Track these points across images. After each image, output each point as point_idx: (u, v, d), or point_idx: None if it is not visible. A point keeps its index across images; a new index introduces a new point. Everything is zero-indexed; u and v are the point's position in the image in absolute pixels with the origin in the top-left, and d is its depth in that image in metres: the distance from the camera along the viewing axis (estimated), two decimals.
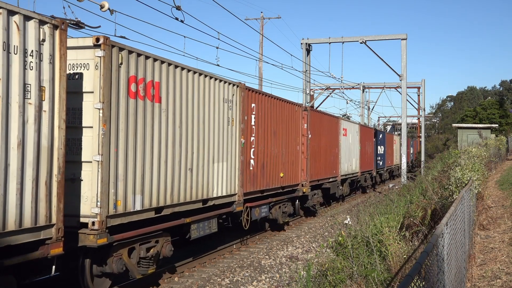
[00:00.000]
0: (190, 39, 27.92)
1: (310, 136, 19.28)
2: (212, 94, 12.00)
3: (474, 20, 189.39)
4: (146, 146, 9.47)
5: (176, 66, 10.49)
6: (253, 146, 14.36)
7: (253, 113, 14.39)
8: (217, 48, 18.42)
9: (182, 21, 14.03)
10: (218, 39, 23.68)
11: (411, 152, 58.84)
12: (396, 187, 28.10)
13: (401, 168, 30.40)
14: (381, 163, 37.61)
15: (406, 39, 29.47)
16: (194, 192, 11.21)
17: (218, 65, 21.32)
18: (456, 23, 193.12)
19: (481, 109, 57.53)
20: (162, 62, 10.00)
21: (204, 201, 11.79)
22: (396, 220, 9.81)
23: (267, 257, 13.72)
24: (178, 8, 13.64)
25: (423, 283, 3.94)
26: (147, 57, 9.54)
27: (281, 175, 16.33)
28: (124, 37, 12.43)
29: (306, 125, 19.08)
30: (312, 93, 36.33)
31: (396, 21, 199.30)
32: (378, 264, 7.82)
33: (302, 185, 18.78)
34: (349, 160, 26.47)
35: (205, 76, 11.69)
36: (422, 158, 47.28)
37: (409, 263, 7.26)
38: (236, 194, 13.36)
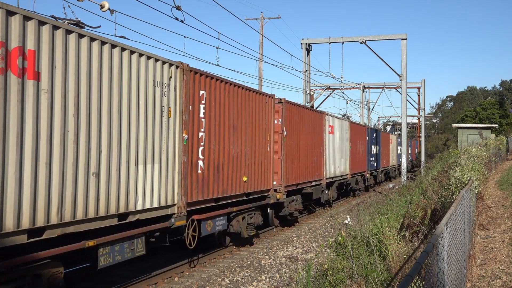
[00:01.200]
0: (190, 39, 27.94)
1: (285, 134, 16.54)
2: (134, 75, 9.19)
3: (474, 20, 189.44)
4: (8, 142, 6.71)
5: (68, 32, 7.67)
6: (202, 143, 11.47)
7: (202, 102, 11.47)
8: (217, 48, 18.42)
9: (182, 21, 14.03)
10: (218, 39, 23.69)
11: (409, 152, 56.29)
12: (396, 187, 28.08)
13: (401, 168, 30.37)
14: (375, 164, 34.78)
15: (406, 39, 29.47)
16: (103, 205, 8.38)
17: (218, 65, 21.32)
18: (456, 23, 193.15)
19: (481, 109, 57.55)
20: (42, 23, 7.20)
21: (122, 216, 8.93)
22: (396, 220, 9.82)
23: (267, 257, 13.72)
24: (178, 8, 13.64)
25: (423, 283, 3.94)
26: (10, 13, 6.78)
27: (244, 179, 13.58)
28: (124, 37, 12.42)
29: (280, 120, 16.32)
30: (312, 93, 36.33)
31: (396, 21, 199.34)
32: (378, 264, 7.82)
33: (276, 191, 16.15)
34: (337, 161, 23.86)
35: (123, 49, 8.85)
36: (422, 158, 47.29)
37: (409, 263, 7.27)
38: (175, 205, 10.42)
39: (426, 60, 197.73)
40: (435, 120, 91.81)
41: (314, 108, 32.24)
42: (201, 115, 11.49)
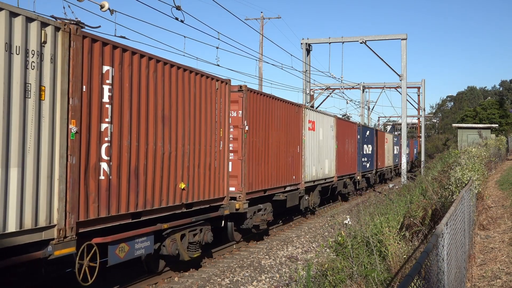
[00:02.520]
0: (190, 39, 27.96)
1: (246, 129, 13.83)
2: None
3: (474, 20, 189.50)
4: None
5: None
6: (107, 139, 8.49)
7: (108, 82, 8.53)
8: (217, 48, 18.42)
9: (182, 21, 14.04)
10: (218, 39, 23.70)
11: (407, 152, 55.43)
12: (396, 187, 28.09)
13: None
14: (368, 165, 31.77)
15: (406, 39, 29.48)
16: None
17: (218, 65, 21.33)
18: (456, 23, 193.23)
19: (481, 109, 57.56)
20: None
21: None
22: (396, 220, 9.81)
23: (267, 257, 13.72)
24: (178, 8, 13.64)
25: (423, 283, 3.94)
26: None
27: (182, 186, 10.64)
28: (124, 37, 12.43)
29: (241, 112, 13.65)
30: (312, 93, 36.33)
31: (396, 21, 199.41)
32: (378, 264, 7.82)
33: (234, 199, 13.54)
34: (320, 162, 21.03)
35: None
36: (422, 158, 47.30)
37: (409, 263, 7.27)
38: (54, 226, 7.36)
39: (426, 60, 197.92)
40: (435, 120, 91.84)
41: (315, 108, 32.08)
42: (105, 99, 8.44)
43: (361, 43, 29.35)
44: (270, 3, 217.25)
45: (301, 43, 32.18)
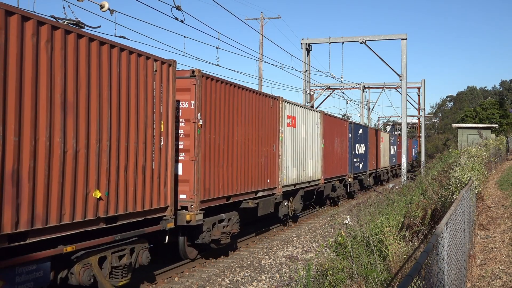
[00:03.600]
0: (190, 39, 27.98)
1: (200, 123, 11.43)
2: None
3: (474, 20, 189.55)
4: None
5: None
6: None
7: None
8: (217, 48, 18.43)
9: (182, 21, 14.04)
10: (218, 39, 23.70)
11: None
12: (396, 187, 28.10)
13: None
14: (361, 166, 29.52)
15: (406, 39, 29.48)
16: None
17: (218, 65, 21.33)
18: (456, 23, 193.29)
19: (481, 109, 57.57)
20: None
21: None
22: (396, 220, 9.82)
23: (267, 257, 13.72)
24: (178, 8, 13.65)
25: (423, 283, 3.94)
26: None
27: (96, 195, 8.24)
28: (124, 37, 12.43)
29: (193, 103, 11.29)
30: (312, 93, 36.35)
31: (396, 21, 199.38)
32: (378, 264, 7.82)
33: (185, 208, 11.18)
34: (303, 162, 18.63)
35: None
36: (422, 158, 47.30)
37: (409, 263, 7.27)
38: None
39: (426, 60, 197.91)
40: (435, 120, 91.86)
41: (314, 108, 32.03)
42: None
43: (361, 43, 29.35)
44: (270, 3, 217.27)
45: (301, 43, 32.19)
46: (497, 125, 42.82)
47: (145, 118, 9.53)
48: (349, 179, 26.52)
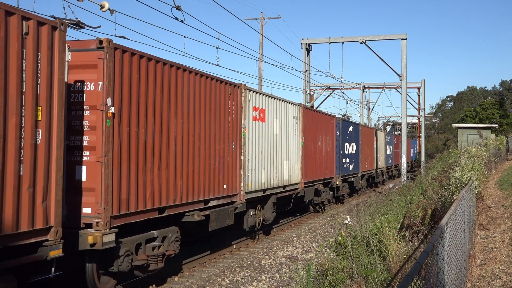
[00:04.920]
0: (190, 39, 27.99)
1: (112, 111, 8.57)
2: None
3: (474, 20, 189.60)
4: None
5: None
6: None
7: None
8: (217, 48, 18.43)
9: (182, 21, 14.04)
10: (218, 39, 23.70)
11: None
12: (396, 187, 28.11)
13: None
14: (351, 167, 26.80)
15: (406, 39, 29.49)
16: None
17: (218, 65, 21.33)
18: (456, 23, 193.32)
19: (481, 109, 57.58)
20: None
21: None
22: (396, 220, 9.82)
23: (267, 257, 13.73)
24: (178, 8, 13.65)
25: (423, 283, 3.94)
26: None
27: None
28: (124, 37, 12.44)
29: (101, 84, 8.53)
30: (312, 93, 36.35)
31: (396, 21, 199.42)
32: (378, 264, 7.82)
33: (89, 227, 8.42)
34: (275, 164, 15.85)
35: None
36: (422, 158, 47.33)
37: (409, 263, 7.27)
38: None
39: (426, 60, 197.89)
40: (435, 120, 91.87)
41: (314, 108, 31.96)
42: None
43: (361, 43, 29.36)
44: (270, 3, 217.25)
45: (301, 43, 32.19)
46: (497, 125, 42.82)
47: (4, 100, 6.50)
48: (337, 182, 23.61)
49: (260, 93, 15.00)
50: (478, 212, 11.97)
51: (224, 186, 12.60)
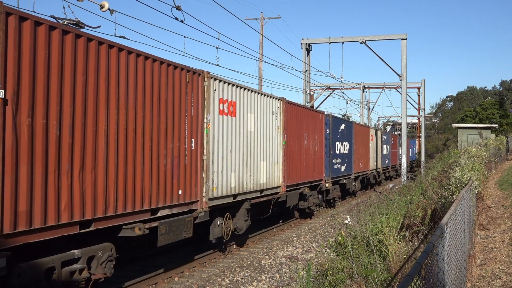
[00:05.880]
0: (190, 39, 27.95)
1: (1, 96, 6.70)
2: None
3: (474, 20, 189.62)
4: None
5: None
6: None
7: None
8: (217, 48, 18.40)
9: (182, 21, 14.04)
10: (218, 39, 23.65)
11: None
12: (396, 187, 28.10)
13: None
14: (343, 168, 24.81)
15: (406, 39, 29.49)
16: None
17: (218, 65, 21.31)
18: (456, 23, 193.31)
19: (481, 109, 57.57)
20: None
21: None
22: (396, 220, 9.82)
23: (267, 257, 13.72)
24: (178, 8, 13.64)
25: (423, 283, 3.94)
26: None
27: None
28: (124, 37, 12.43)
29: None
30: (312, 93, 36.34)
31: (396, 21, 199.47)
32: (378, 264, 7.82)
33: None
34: (249, 165, 13.94)
35: None
36: (422, 158, 47.36)
37: (409, 263, 7.27)
38: None
39: (426, 60, 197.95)
40: (435, 120, 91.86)
41: (314, 108, 31.86)
42: None
43: (361, 43, 29.35)
44: (270, 3, 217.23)
45: (301, 43, 32.18)
46: (497, 125, 42.80)
47: None
48: (326, 185, 21.63)
49: (229, 83, 12.93)
50: (478, 212, 11.97)
51: (180, 192, 10.61)
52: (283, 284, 10.95)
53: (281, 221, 19.44)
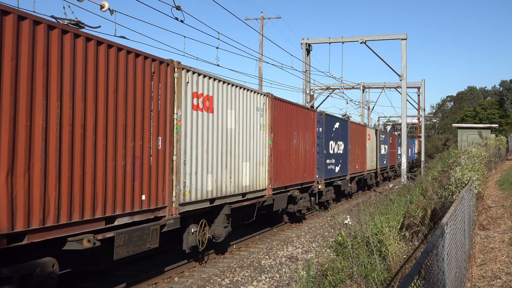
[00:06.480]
0: (190, 39, 27.98)
1: None
2: None
3: (474, 20, 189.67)
4: None
5: None
6: None
7: None
8: (217, 48, 18.41)
9: (182, 21, 14.04)
10: (218, 39, 23.66)
11: (399, 153, 44.99)
12: (396, 187, 28.10)
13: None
14: (337, 169, 23.58)
15: (406, 39, 29.49)
16: None
17: (218, 65, 21.31)
18: (456, 23, 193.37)
19: (481, 109, 57.58)
20: None
21: None
22: (396, 220, 9.82)
23: (267, 257, 13.72)
24: (178, 8, 13.64)
25: (423, 283, 3.94)
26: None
27: None
28: (124, 37, 12.43)
29: None
30: (312, 93, 36.36)
31: (396, 21, 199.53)
32: (378, 264, 7.82)
33: None
34: (230, 166, 12.73)
35: None
36: (422, 158, 47.39)
37: (409, 263, 7.27)
38: None
39: (426, 60, 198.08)
40: (435, 120, 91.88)
41: (315, 108, 31.78)
42: None
43: (361, 43, 29.36)
44: (270, 3, 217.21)
45: (301, 43, 32.19)
46: (497, 125, 42.81)
47: None
48: (319, 187, 20.48)
49: (204, 76, 11.61)
50: (478, 212, 11.97)
51: (143, 197, 9.32)
52: (283, 284, 10.95)
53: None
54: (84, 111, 7.94)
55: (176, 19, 13.83)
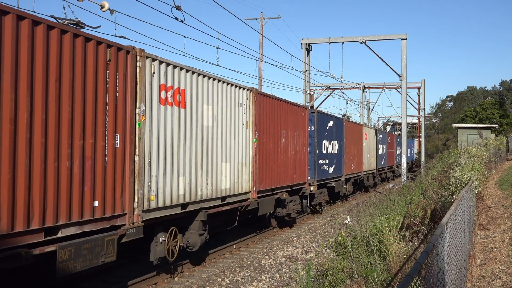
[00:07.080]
0: (190, 39, 27.96)
1: None
2: None
3: (474, 20, 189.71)
4: None
5: None
6: None
7: None
8: (217, 48, 18.40)
9: (182, 21, 14.03)
10: (218, 39, 23.65)
11: (398, 153, 44.77)
12: (396, 187, 28.11)
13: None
14: (331, 169, 22.26)
15: (406, 39, 29.49)
16: None
17: (218, 65, 21.30)
18: (456, 23, 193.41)
19: (481, 109, 57.58)
20: None
21: None
22: (396, 220, 9.82)
23: (267, 257, 13.72)
24: (178, 8, 13.64)
25: (423, 283, 3.95)
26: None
27: None
28: (124, 37, 12.43)
29: None
30: (312, 93, 36.36)
31: (396, 21, 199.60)
32: (378, 264, 7.82)
33: None
34: (207, 167, 11.47)
35: None
36: (422, 158, 47.40)
37: (409, 263, 7.28)
38: None
39: (426, 60, 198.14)
40: (435, 120, 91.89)
41: (314, 108, 31.68)
42: None
43: (361, 43, 29.36)
44: (270, 3, 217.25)
45: (301, 43, 32.19)
46: (497, 125, 42.81)
47: None
48: (311, 189, 19.28)
49: (174, 66, 10.31)
50: (478, 212, 11.98)
51: (96, 204, 8.05)
52: (283, 284, 10.95)
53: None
54: (15, 104, 6.64)
55: (176, 19, 13.83)
